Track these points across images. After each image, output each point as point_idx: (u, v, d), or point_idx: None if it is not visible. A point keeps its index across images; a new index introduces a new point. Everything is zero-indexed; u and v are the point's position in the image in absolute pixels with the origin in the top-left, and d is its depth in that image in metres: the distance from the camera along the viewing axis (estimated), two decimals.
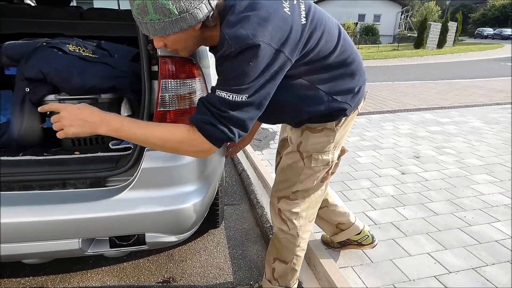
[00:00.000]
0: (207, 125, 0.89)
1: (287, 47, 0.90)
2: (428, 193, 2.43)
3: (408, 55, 16.71)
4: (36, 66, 1.16)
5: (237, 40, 0.84)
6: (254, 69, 0.86)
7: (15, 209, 1.02)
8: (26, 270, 1.71)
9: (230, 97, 0.87)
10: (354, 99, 1.15)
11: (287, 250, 1.36)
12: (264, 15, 0.87)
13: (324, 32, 1.00)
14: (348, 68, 1.10)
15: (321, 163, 1.22)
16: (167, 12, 0.82)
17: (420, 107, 5.23)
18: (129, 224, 1.09)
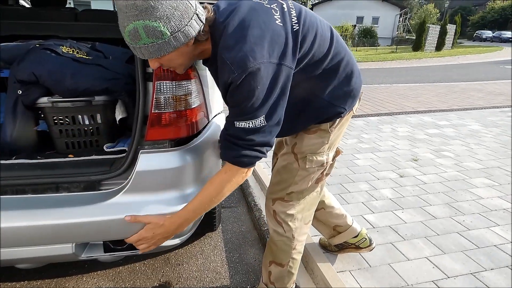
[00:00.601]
0: (241, 157, 0.97)
1: (287, 58, 0.93)
2: (426, 197, 2.42)
3: (406, 57, 16.74)
4: (28, 68, 1.14)
5: (238, 64, 0.86)
6: (262, 91, 0.90)
7: (7, 213, 1.00)
8: (21, 275, 1.68)
9: (251, 125, 0.93)
10: (350, 101, 1.16)
11: (283, 253, 1.34)
12: (258, 33, 0.89)
13: (317, 35, 1.01)
14: (343, 71, 1.10)
15: (316, 164, 1.21)
16: (159, 34, 0.82)
17: (419, 110, 5.23)
18: (123, 228, 1.07)
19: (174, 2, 0.81)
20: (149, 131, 1.11)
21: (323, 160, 1.22)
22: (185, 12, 0.83)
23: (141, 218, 1.07)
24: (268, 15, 0.94)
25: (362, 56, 17.42)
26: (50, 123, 1.25)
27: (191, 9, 0.85)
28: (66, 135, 1.28)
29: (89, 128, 1.29)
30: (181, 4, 0.82)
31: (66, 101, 1.21)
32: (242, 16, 0.92)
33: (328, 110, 1.12)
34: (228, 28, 0.90)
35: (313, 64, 1.02)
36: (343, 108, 1.14)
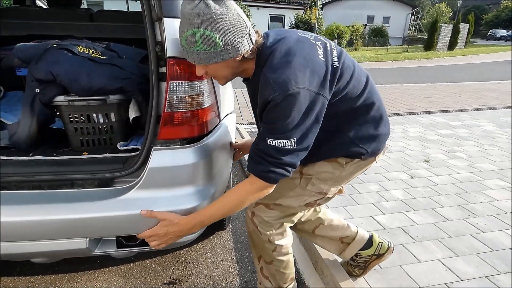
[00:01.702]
0: (268, 173, 1.01)
1: (324, 89, 1.00)
2: (438, 198, 2.39)
3: (418, 57, 16.53)
4: (46, 67, 1.16)
5: (280, 85, 0.93)
6: (298, 115, 0.96)
7: (23, 207, 1.03)
8: (35, 269, 1.72)
9: (281, 144, 0.98)
10: (373, 146, 1.18)
11: (264, 253, 1.33)
12: (302, 62, 0.97)
13: (353, 76, 1.09)
14: (372, 115, 1.16)
15: (316, 190, 1.24)
16: (213, 44, 0.92)
17: (430, 110, 5.16)
18: (135, 224, 1.08)
19: (233, 20, 0.92)
20: (162, 130, 1.12)
21: (324, 190, 1.24)
22: (240, 30, 0.94)
23: (156, 214, 1.08)
24: (312, 49, 1.03)
25: (372, 56, 17.27)
26: (66, 121, 1.27)
27: (245, 29, 0.95)
28: (81, 133, 1.30)
29: (103, 126, 1.31)
30: (238, 23, 0.93)
31: (82, 99, 1.23)
32: (289, 45, 1.01)
33: (349, 148, 1.16)
34: (275, 53, 1.00)
35: (345, 101, 1.09)
36: (365, 150, 1.17)
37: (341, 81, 1.06)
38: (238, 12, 0.94)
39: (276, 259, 1.32)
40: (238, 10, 0.95)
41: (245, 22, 0.96)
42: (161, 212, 1.09)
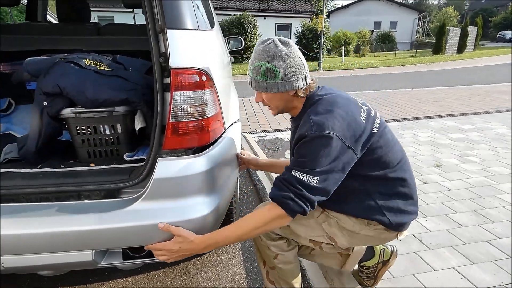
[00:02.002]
0: (288, 200, 1.05)
1: (356, 146, 1.09)
2: (451, 204, 2.33)
3: (426, 61, 16.39)
4: (53, 80, 1.18)
5: (318, 126, 1.05)
6: (326, 157, 1.04)
7: (27, 220, 1.03)
8: (44, 281, 1.73)
9: (304, 178, 1.04)
10: (399, 220, 1.20)
11: (267, 257, 1.34)
12: (343, 115, 1.09)
13: (389, 147, 1.17)
14: (403, 192, 1.21)
15: (329, 232, 1.25)
16: (273, 76, 1.12)
17: (441, 114, 5.09)
18: (140, 235, 1.08)
19: (294, 60, 1.12)
20: (167, 140, 1.12)
21: (336, 237, 1.24)
22: (298, 70, 1.13)
23: (173, 229, 1.08)
24: (356, 109, 1.15)
25: (380, 61, 17.20)
26: (73, 133, 1.29)
27: (303, 71, 1.15)
28: (88, 145, 1.32)
29: (109, 137, 1.32)
30: (298, 64, 1.13)
31: (88, 111, 1.25)
32: (336, 99, 1.15)
33: (376, 213, 1.19)
34: (323, 101, 1.15)
35: (377, 167, 1.16)
36: (389, 221, 1.19)
37: (375, 146, 1.13)
38: (299, 56, 1.15)
39: (278, 267, 1.32)
40: (300, 54, 1.15)
41: (304, 65, 1.15)
42: (178, 228, 1.09)
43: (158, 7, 1.06)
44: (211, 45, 1.36)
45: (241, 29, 17.86)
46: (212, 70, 1.23)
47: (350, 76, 12.21)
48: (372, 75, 12.23)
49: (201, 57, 1.17)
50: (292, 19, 22.13)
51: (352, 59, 20.36)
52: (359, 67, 14.78)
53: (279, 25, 22.37)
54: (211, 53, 1.32)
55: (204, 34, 1.27)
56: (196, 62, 1.14)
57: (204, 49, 1.22)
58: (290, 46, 1.13)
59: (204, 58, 1.19)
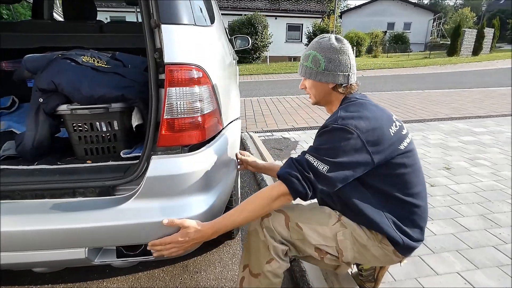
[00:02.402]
0: (294, 178, 1.05)
1: (375, 153, 1.08)
2: (458, 207, 2.26)
3: (440, 63, 16.09)
4: (48, 77, 1.19)
5: (343, 120, 1.07)
6: (342, 150, 1.04)
7: (21, 217, 1.04)
8: (45, 278, 1.74)
9: (315, 163, 1.05)
10: (407, 243, 1.18)
11: (256, 260, 1.18)
12: (372, 120, 1.09)
13: (412, 169, 1.17)
14: (416, 218, 1.20)
15: (340, 245, 1.20)
16: (318, 64, 1.20)
17: (452, 116, 4.97)
18: (133, 233, 1.07)
19: (341, 56, 1.18)
20: (161, 137, 1.12)
21: (345, 250, 1.20)
22: (342, 66, 1.19)
23: (178, 222, 1.08)
24: (388, 121, 1.14)
25: (392, 62, 16.96)
26: (70, 130, 1.29)
27: (347, 69, 1.20)
28: (85, 142, 1.32)
29: (106, 134, 1.32)
30: (344, 61, 1.19)
31: (84, 108, 1.25)
32: (370, 106, 1.16)
33: (389, 230, 1.16)
34: (356, 103, 1.18)
35: (396, 183, 1.15)
36: (402, 241, 1.17)
37: (398, 162, 1.13)
38: (349, 54, 1.20)
39: (264, 273, 1.16)
40: (350, 53, 1.21)
41: (350, 64, 1.20)
42: (182, 220, 1.08)
43: (153, 1, 1.06)
44: (209, 41, 1.35)
45: (251, 29, 17.87)
46: (209, 66, 1.21)
47: (361, 76, 12.07)
48: (383, 76, 12.08)
49: (197, 53, 1.16)
50: (303, 19, 22.03)
51: (363, 60, 20.13)
52: (371, 68, 14.60)
53: (290, 25, 22.30)
54: (209, 49, 1.31)
55: (202, 30, 1.26)
56: (192, 57, 1.13)
57: (200, 45, 1.21)
58: (343, 44, 1.20)
59: (200, 54, 1.18)
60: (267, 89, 9.46)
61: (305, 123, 4.80)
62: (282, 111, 5.73)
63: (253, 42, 17.91)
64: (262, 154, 3.40)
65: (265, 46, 18.91)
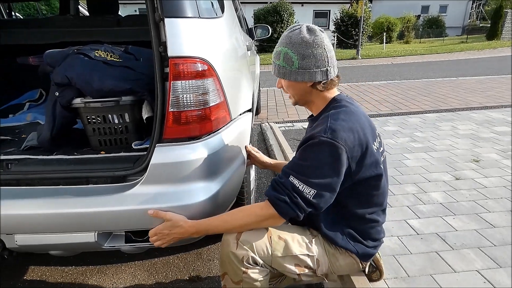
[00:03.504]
0: (282, 202, 1.03)
1: (358, 171, 1.08)
2: (485, 202, 2.15)
3: (478, 47, 15.14)
4: (62, 71, 1.25)
5: (332, 131, 1.01)
6: (328, 168, 1.01)
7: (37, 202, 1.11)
8: (69, 260, 1.86)
9: (300, 187, 1.01)
10: (362, 249, 1.22)
11: (232, 270, 1.11)
12: (361, 134, 1.06)
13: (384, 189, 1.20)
14: (372, 226, 1.22)
15: (317, 255, 1.19)
16: (291, 63, 1.09)
17: (486, 105, 4.69)
18: (138, 218, 1.11)
19: (316, 51, 1.06)
20: (167, 130, 1.14)
21: (319, 259, 1.19)
22: (319, 62, 1.07)
23: (162, 214, 1.10)
24: (373, 135, 1.14)
25: (425, 48, 16.18)
26: (85, 122, 1.35)
27: (324, 63, 1.08)
28: (99, 133, 1.38)
29: (118, 126, 1.37)
30: (320, 56, 1.07)
31: (96, 101, 1.30)
32: (362, 118, 1.12)
33: (339, 243, 1.19)
34: (349, 109, 1.10)
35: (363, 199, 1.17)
36: (352, 247, 1.20)
37: (372, 183, 1.14)
38: (325, 47, 1.08)
39: (245, 281, 1.10)
40: (326, 45, 1.08)
41: (327, 58, 1.08)
42: (167, 213, 1.11)
43: None
44: (216, 33, 1.34)
45: (277, 17, 17.62)
46: (215, 58, 1.22)
47: (390, 64, 11.64)
48: (414, 63, 11.56)
49: (202, 46, 1.16)
50: (330, 5, 21.44)
51: (394, 46, 19.34)
52: (401, 55, 14.02)
53: (316, 12, 21.79)
54: (215, 41, 1.30)
55: (207, 22, 1.26)
56: (196, 50, 1.14)
57: (206, 37, 1.21)
58: (316, 35, 1.07)
59: (205, 46, 1.18)
60: None
61: None
62: None
63: (279, 30, 17.68)
64: (281, 145, 3.38)
65: None
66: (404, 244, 1.76)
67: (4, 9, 3.20)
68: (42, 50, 1.76)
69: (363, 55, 14.19)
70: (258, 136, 4.03)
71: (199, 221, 1.12)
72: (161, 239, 1.13)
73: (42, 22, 2.11)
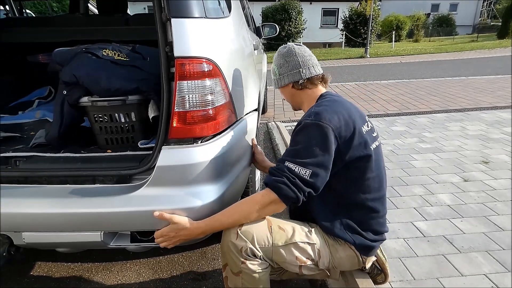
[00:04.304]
0: (282, 185, 1.07)
1: (348, 150, 1.13)
2: (493, 205, 2.12)
3: (488, 46, 14.90)
4: (70, 70, 1.25)
5: (317, 115, 1.11)
6: (318, 147, 1.08)
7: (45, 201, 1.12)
8: (76, 257, 1.88)
9: (296, 169, 1.07)
10: (360, 241, 1.22)
11: (231, 260, 1.15)
12: (346, 116, 1.14)
13: (377, 173, 1.21)
14: (371, 216, 1.24)
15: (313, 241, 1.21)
16: (275, 73, 1.39)
17: (497, 105, 4.61)
18: (144, 219, 1.12)
19: (288, 59, 1.32)
20: (172, 129, 1.14)
21: (319, 248, 1.20)
22: (291, 68, 1.32)
23: (167, 217, 1.10)
24: (361, 120, 1.20)
25: (434, 47, 15.98)
26: (92, 121, 1.36)
27: (296, 66, 1.31)
28: (106, 132, 1.38)
29: (125, 125, 1.38)
30: (291, 61, 1.32)
31: (103, 100, 1.30)
32: (345, 104, 1.22)
33: (336, 232, 1.21)
34: (331, 99, 1.24)
35: (358, 183, 1.19)
36: (350, 238, 1.21)
37: (365, 164, 1.17)
38: (296, 54, 1.31)
39: (244, 272, 1.13)
40: (299, 53, 1.31)
41: (301, 61, 1.30)
42: (172, 215, 1.11)
43: None
44: (223, 33, 1.34)
45: (285, 15, 17.56)
46: (221, 58, 1.21)
47: (399, 63, 11.51)
48: (423, 62, 11.42)
49: (208, 46, 1.16)
50: (339, 3, 21.25)
51: (403, 44, 19.13)
52: (410, 54, 13.86)
53: (325, 10, 21.62)
54: (222, 41, 1.30)
55: (214, 22, 1.25)
56: (202, 51, 1.13)
57: (212, 37, 1.20)
58: (288, 48, 1.34)
59: (211, 46, 1.18)
60: None
61: None
62: None
63: (287, 28, 17.60)
64: (287, 144, 3.37)
65: (299, 33, 18.51)
66: (410, 247, 1.75)
67: (15, 7, 3.24)
68: (52, 48, 1.78)
69: (371, 54, 14.06)
70: (264, 135, 4.02)
71: (204, 221, 1.12)
72: (167, 240, 1.13)
73: (52, 20, 2.13)
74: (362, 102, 5.31)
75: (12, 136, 1.61)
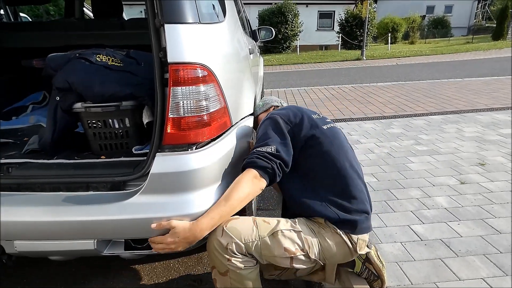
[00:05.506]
0: (254, 158, 1.19)
1: (301, 130, 1.32)
2: (490, 207, 2.12)
3: (483, 48, 15.01)
4: (63, 76, 1.24)
5: (269, 115, 1.39)
6: (274, 130, 1.30)
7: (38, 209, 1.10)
8: (70, 264, 1.86)
9: (263, 149, 1.22)
10: (343, 216, 1.22)
11: (217, 259, 1.14)
12: (294, 110, 1.42)
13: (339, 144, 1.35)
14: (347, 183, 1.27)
15: (300, 229, 1.22)
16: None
17: (492, 107, 4.63)
18: (138, 227, 1.10)
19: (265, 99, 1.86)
20: (166, 136, 1.13)
21: (305, 237, 1.20)
22: (267, 104, 1.81)
23: (165, 224, 1.08)
24: (311, 112, 1.44)
25: (430, 49, 16.06)
26: (85, 127, 1.34)
27: (270, 104, 1.80)
28: (99, 138, 1.37)
29: (119, 131, 1.36)
30: (268, 101, 1.83)
31: (97, 106, 1.29)
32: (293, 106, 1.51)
33: (322, 208, 1.24)
34: (279, 107, 1.72)
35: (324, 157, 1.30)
36: (332, 212, 1.23)
37: (322, 141, 1.31)
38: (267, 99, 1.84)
39: (231, 270, 1.13)
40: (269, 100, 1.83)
41: (271, 102, 1.83)
42: (169, 221, 1.08)
43: (158, 1, 1.06)
44: (217, 38, 1.33)
45: (281, 18, 17.61)
46: (215, 64, 1.20)
47: (395, 65, 11.56)
48: (419, 64, 11.48)
49: (202, 51, 1.15)
50: (335, 6, 21.35)
51: (399, 46, 19.23)
52: (406, 55, 13.93)
53: (321, 13, 21.71)
54: (216, 47, 1.29)
55: (208, 27, 1.24)
56: (196, 56, 1.12)
57: (206, 43, 1.19)
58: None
59: (205, 52, 1.16)
60: (295, 79, 9.32)
61: (331, 116, 4.68)
62: (309, 103, 5.63)
63: (283, 31, 17.64)
64: None
65: (295, 35, 18.55)
66: (407, 251, 1.74)
67: (10, 12, 3.21)
68: (47, 53, 1.76)
69: (367, 56, 14.12)
70: None
71: (202, 221, 1.09)
72: (168, 247, 1.09)
73: (47, 25, 2.11)
74: (359, 105, 5.32)
75: (5, 142, 1.59)
